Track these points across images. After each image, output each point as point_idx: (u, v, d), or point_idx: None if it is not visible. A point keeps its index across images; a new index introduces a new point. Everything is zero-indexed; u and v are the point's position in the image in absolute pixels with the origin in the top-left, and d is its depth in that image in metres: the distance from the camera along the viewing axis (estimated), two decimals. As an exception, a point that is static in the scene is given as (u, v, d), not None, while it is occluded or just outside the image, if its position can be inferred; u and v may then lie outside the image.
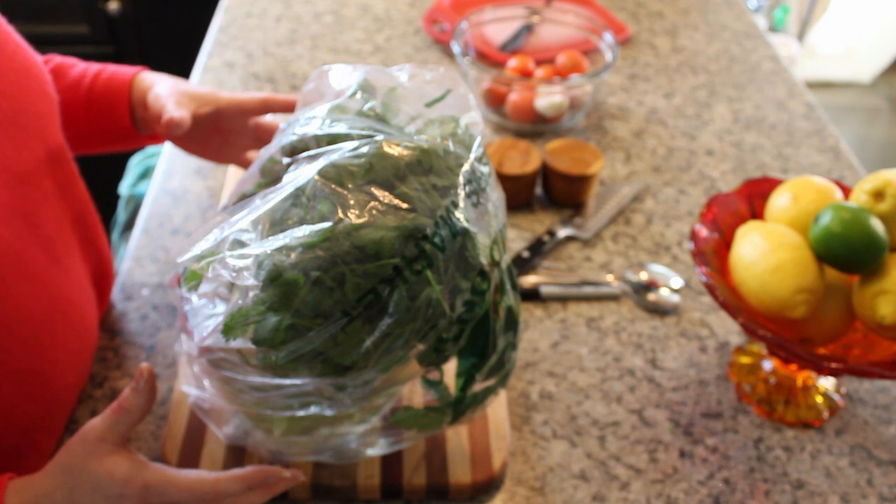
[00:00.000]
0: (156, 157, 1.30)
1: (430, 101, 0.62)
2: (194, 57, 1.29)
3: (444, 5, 1.37)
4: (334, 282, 0.51)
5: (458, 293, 0.56)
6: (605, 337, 0.87)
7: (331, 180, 0.54)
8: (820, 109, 1.24)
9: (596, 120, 1.19)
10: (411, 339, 0.55)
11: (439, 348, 0.58)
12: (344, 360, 0.54)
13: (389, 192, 0.54)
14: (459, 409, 0.64)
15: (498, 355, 0.62)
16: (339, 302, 0.52)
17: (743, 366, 0.83)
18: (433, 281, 0.54)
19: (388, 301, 0.53)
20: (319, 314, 0.52)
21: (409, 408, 0.64)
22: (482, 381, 0.63)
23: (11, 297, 0.62)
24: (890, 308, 0.70)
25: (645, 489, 0.73)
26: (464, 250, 0.56)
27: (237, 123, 0.84)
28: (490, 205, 0.60)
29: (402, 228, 0.53)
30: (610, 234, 1.00)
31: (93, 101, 0.82)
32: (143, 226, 0.97)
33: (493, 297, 0.60)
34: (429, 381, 0.66)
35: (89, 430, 0.56)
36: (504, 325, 0.62)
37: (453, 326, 0.57)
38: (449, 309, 0.55)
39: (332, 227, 0.52)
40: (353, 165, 0.55)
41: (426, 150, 0.57)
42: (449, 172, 0.57)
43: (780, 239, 0.73)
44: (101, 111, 0.82)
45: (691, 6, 1.48)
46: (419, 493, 0.70)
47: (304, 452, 0.67)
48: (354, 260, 0.52)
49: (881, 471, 0.76)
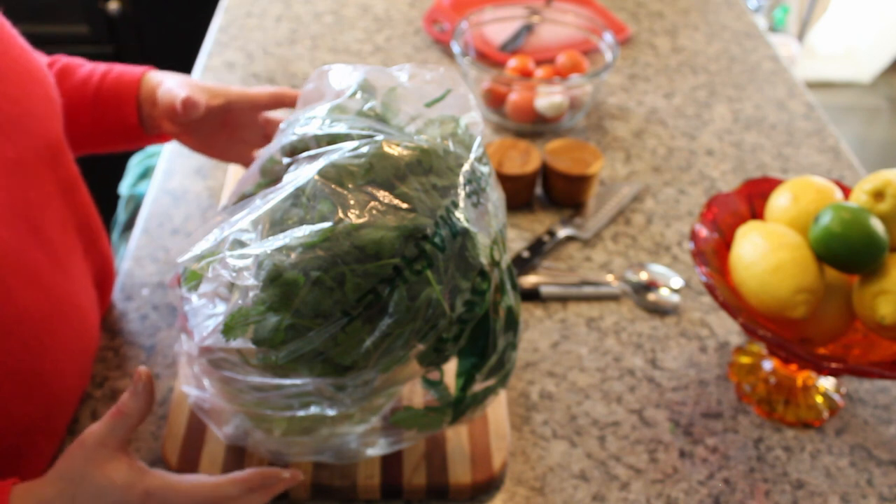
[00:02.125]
0: (156, 157, 1.31)
1: (430, 101, 0.62)
2: (194, 57, 1.29)
3: (444, 5, 1.37)
4: (334, 282, 0.52)
5: (459, 293, 0.56)
6: (605, 337, 0.87)
7: (331, 180, 0.54)
8: (820, 109, 1.24)
9: (596, 120, 1.19)
10: (411, 339, 0.55)
11: (439, 348, 0.58)
12: (344, 360, 0.54)
13: (389, 192, 0.54)
14: (459, 409, 0.64)
15: (498, 355, 0.62)
16: (338, 302, 0.52)
17: (743, 366, 0.83)
18: (433, 281, 0.54)
19: (389, 301, 0.53)
20: (319, 314, 0.52)
21: (408, 408, 0.64)
22: (482, 382, 0.63)
23: (12, 299, 0.62)
24: (890, 308, 0.70)
25: (645, 489, 0.73)
26: (464, 250, 0.56)
27: (247, 118, 0.84)
28: (490, 205, 0.60)
29: (402, 228, 0.53)
30: (610, 234, 1.00)
31: (100, 100, 0.82)
32: (143, 226, 0.97)
33: (493, 297, 0.60)
34: (429, 381, 0.66)
35: (88, 436, 0.56)
36: (504, 325, 0.62)
37: (453, 326, 0.57)
38: (449, 309, 0.55)
39: (332, 227, 0.52)
40: (353, 165, 0.55)
41: (426, 150, 0.57)
42: (449, 172, 0.57)
43: (780, 239, 0.73)
44: (109, 110, 0.82)
45: (691, 6, 1.48)
46: (419, 493, 0.70)
47: (304, 452, 0.67)
48: (354, 260, 0.52)
49: (881, 471, 0.76)
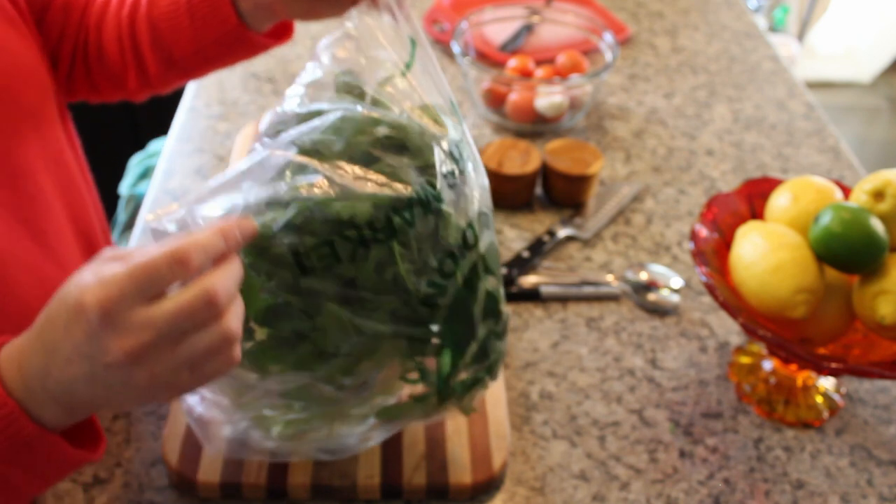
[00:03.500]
0: (156, 157, 1.31)
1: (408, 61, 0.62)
2: (194, 57, 1.29)
3: (444, 5, 1.37)
4: (296, 236, 0.53)
5: (426, 273, 0.56)
6: (605, 337, 0.87)
7: (307, 154, 0.54)
8: (820, 109, 1.24)
9: (596, 120, 1.19)
10: (388, 321, 0.55)
11: (415, 335, 0.58)
12: (326, 346, 0.54)
13: (365, 166, 0.55)
14: (443, 395, 0.63)
15: (479, 343, 0.62)
16: (297, 254, 0.52)
17: (743, 366, 0.83)
18: (399, 257, 0.54)
19: (356, 275, 0.53)
20: (278, 264, 0.53)
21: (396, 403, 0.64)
22: (466, 370, 0.63)
23: (12, 297, 0.62)
24: (890, 308, 0.70)
25: (645, 489, 0.73)
26: (437, 230, 0.56)
27: None
28: (467, 188, 0.60)
29: (376, 200, 0.53)
30: (610, 234, 1.00)
31: (194, 5, 0.78)
32: (143, 226, 0.97)
33: (470, 282, 0.59)
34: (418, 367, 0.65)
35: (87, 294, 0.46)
36: (483, 312, 0.61)
37: (423, 308, 0.57)
38: (414, 287, 0.55)
39: (305, 201, 0.52)
40: (328, 140, 0.55)
41: (403, 127, 0.57)
42: (426, 150, 0.57)
43: (780, 239, 0.73)
44: (206, 15, 0.78)
45: (691, 6, 1.48)
46: (419, 493, 0.70)
47: (304, 452, 0.67)
48: (328, 232, 0.53)
49: (881, 471, 0.76)
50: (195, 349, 0.47)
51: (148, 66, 0.81)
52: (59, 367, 0.47)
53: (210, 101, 1.17)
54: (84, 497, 0.69)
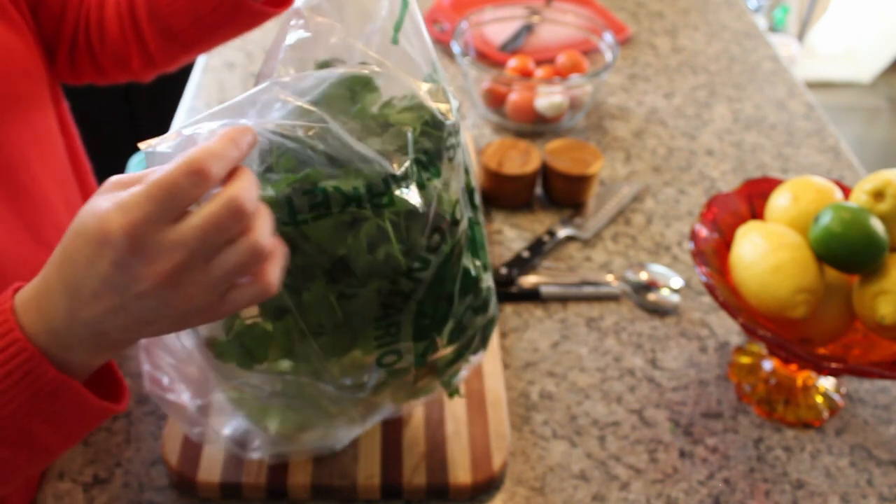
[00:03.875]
0: (156, 156, 1.30)
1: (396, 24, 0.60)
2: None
3: (444, 5, 1.37)
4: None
5: (414, 248, 0.55)
6: (605, 337, 0.87)
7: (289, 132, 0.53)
8: (820, 109, 1.24)
9: (596, 120, 1.19)
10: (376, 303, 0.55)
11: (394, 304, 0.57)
12: (310, 322, 0.54)
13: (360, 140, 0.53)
14: (420, 367, 0.62)
15: (456, 318, 0.61)
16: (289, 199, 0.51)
17: (743, 366, 0.83)
18: (392, 236, 0.53)
19: (348, 254, 0.53)
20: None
21: None
22: (444, 347, 0.62)
23: None
24: (890, 308, 0.70)
25: (645, 489, 0.73)
26: (431, 205, 0.55)
27: None
28: (456, 164, 0.59)
29: (368, 176, 0.52)
30: (610, 234, 1.00)
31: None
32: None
33: (449, 258, 0.58)
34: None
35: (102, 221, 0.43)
36: (461, 288, 0.61)
37: (406, 281, 0.56)
38: (406, 266, 0.55)
39: (297, 176, 0.51)
40: (340, 94, 0.54)
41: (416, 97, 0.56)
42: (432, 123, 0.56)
43: (780, 239, 0.73)
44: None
45: (691, 6, 1.48)
46: (419, 493, 0.70)
47: (303, 451, 0.67)
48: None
49: (881, 471, 0.76)
50: (226, 266, 0.44)
51: (148, 41, 0.80)
52: (86, 304, 0.45)
53: (210, 101, 1.17)
54: (84, 497, 0.69)
